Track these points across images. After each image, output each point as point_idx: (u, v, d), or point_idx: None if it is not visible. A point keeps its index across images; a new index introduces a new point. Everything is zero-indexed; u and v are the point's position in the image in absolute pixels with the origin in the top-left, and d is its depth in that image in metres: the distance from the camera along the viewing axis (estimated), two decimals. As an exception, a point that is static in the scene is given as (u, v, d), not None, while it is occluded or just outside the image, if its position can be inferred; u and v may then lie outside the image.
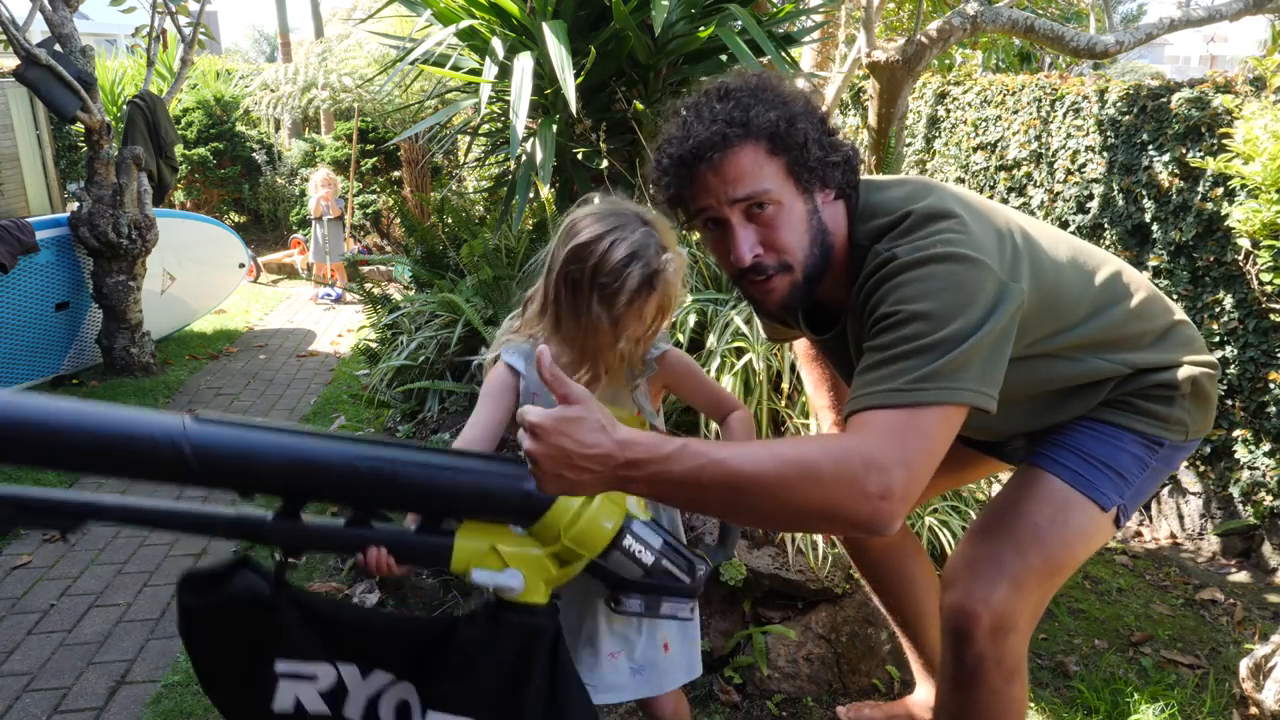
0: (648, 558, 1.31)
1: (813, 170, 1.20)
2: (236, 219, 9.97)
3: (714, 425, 1.71)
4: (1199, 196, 3.11)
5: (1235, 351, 3.08)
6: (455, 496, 1.22)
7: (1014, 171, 4.06)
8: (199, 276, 5.90)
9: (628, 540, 1.29)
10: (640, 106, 2.90)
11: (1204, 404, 1.43)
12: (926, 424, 1.08)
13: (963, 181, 4.46)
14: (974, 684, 1.39)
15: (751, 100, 1.19)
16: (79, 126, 4.76)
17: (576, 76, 2.58)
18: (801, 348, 1.82)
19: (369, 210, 8.90)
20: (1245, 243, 2.95)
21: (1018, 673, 1.41)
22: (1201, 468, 3.29)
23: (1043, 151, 3.90)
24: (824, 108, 1.27)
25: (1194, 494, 3.34)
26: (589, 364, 1.41)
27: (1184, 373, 1.39)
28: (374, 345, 3.58)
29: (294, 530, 1.21)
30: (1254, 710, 1.80)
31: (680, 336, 2.41)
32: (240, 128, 9.87)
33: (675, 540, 1.35)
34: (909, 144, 4.96)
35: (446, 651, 1.27)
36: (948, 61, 6.62)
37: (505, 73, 2.85)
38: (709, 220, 1.25)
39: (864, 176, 1.34)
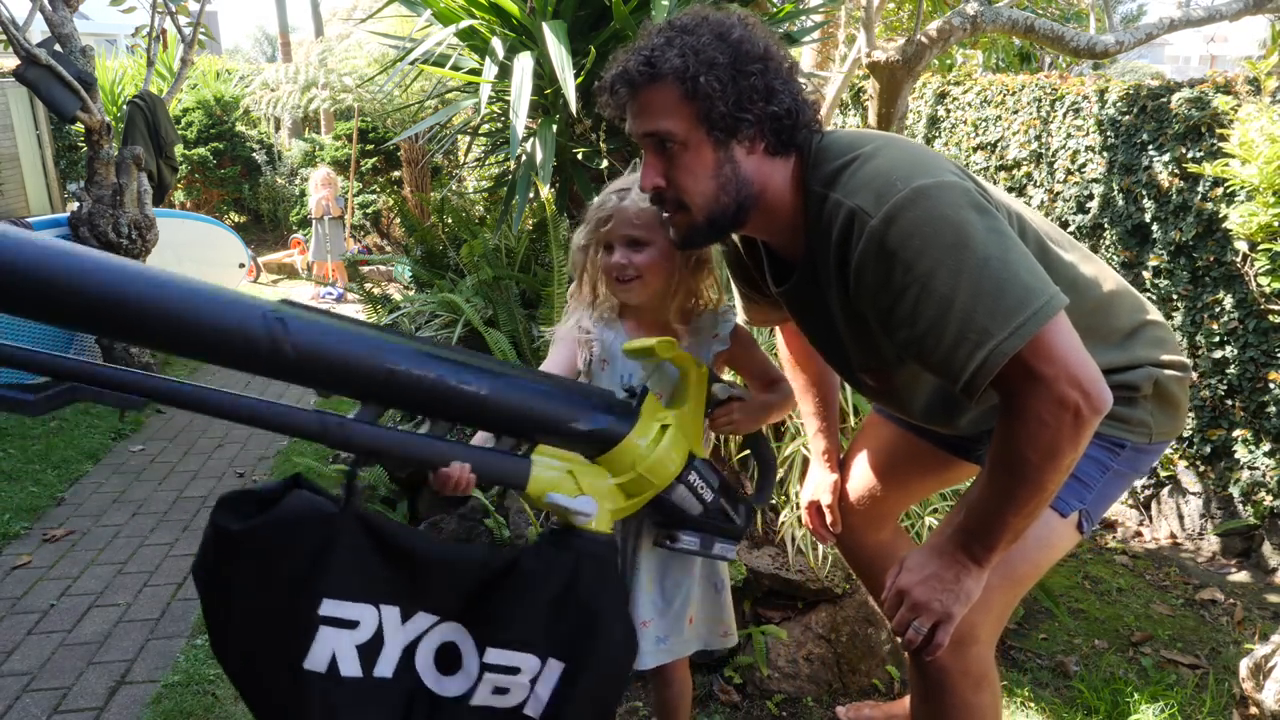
0: (708, 495, 1.38)
1: (719, 123, 1.19)
2: (236, 219, 9.98)
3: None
4: (1199, 196, 3.11)
5: (1235, 351, 3.08)
6: (540, 421, 1.23)
7: (1014, 171, 4.06)
8: (199, 276, 5.89)
9: (692, 476, 1.35)
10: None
11: (1170, 407, 1.38)
12: (1047, 344, 1.09)
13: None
14: (941, 695, 1.39)
15: (681, 41, 1.19)
16: (79, 126, 4.76)
17: (576, 76, 2.58)
18: (785, 354, 1.76)
19: (369, 210, 8.90)
20: (1243, 245, 2.95)
21: (985, 681, 1.40)
22: (1201, 468, 3.29)
23: (1043, 151, 3.90)
24: (786, 62, 1.24)
25: (1194, 494, 3.34)
26: (588, 295, 1.53)
27: (1145, 374, 1.33)
28: (374, 345, 3.57)
29: (377, 437, 1.13)
30: (1254, 710, 1.80)
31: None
32: (240, 128, 9.89)
33: (728, 482, 1.41)
34: (909, 144, 4.95)
35: (507, 586, 1.24)
36: (948, 61, 6.61)
37: (505, 73, 2.85)
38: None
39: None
